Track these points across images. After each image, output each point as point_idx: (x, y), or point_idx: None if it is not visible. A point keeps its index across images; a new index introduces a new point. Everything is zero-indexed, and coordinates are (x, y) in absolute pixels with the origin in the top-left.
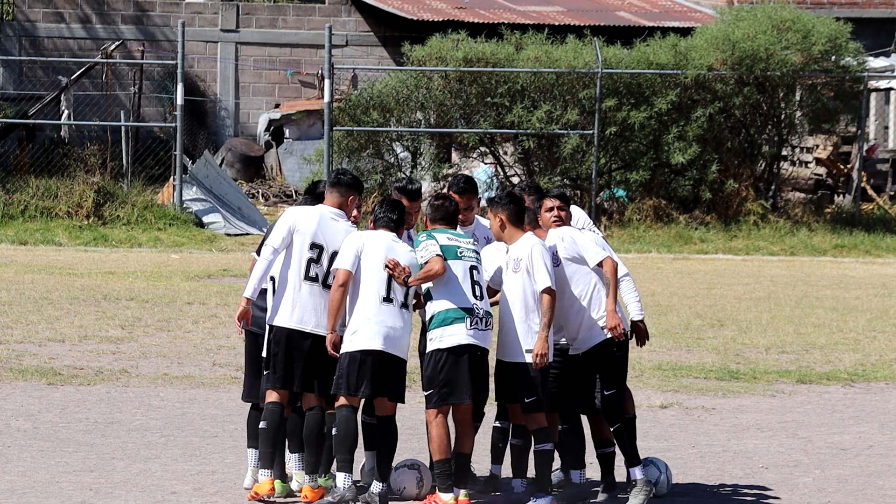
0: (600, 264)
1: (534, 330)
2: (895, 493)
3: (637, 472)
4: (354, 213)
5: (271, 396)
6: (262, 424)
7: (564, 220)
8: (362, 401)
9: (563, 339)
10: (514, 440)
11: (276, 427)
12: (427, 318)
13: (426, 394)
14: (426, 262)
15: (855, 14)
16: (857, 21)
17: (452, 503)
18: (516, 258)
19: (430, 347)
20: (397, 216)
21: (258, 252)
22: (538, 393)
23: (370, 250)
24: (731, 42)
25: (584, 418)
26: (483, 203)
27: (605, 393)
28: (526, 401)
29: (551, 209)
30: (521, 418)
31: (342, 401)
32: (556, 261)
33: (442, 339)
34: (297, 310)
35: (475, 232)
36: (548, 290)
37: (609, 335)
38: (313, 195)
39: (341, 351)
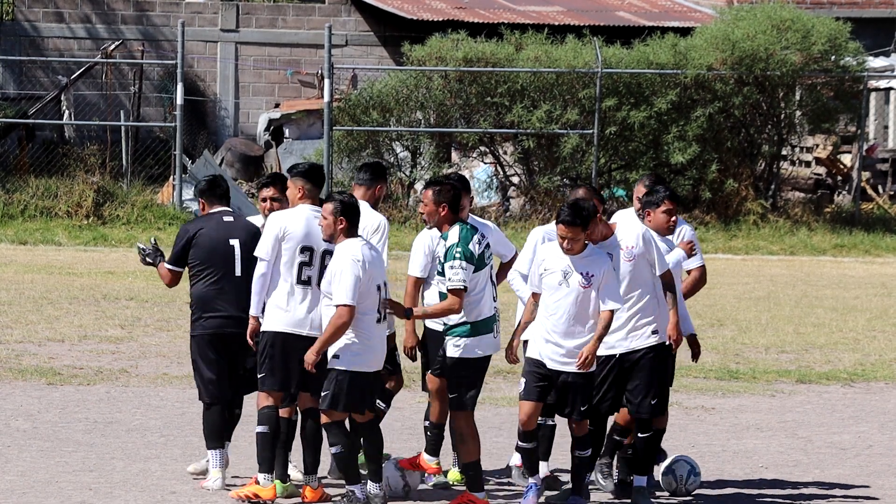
0: (664, 275)
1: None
2: (895, 493)
3: (641, 481)
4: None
5: (267, 400)
6: (260, 429)
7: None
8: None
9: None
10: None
11: (276, 430)
12: (455, 321)
13: (456, 396)
14: (448, 294)
15: (855, 14)
16: (857, 21)
17: (486, 500)
18: (586, 273)
19: (463, 354)
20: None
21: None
22: (590, 401)
23: (367, 277)
24: (731, 42)
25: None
26: (477, 202)
27: (653, 402)
28: (581, 409)
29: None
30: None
31: (338, 416)
32: (627, 256)
33: (478, 347)
34: (292, 314)
35: None
36: (609, 310)
37: (663, 342)
38: (217, 196)
39: (339, 367)
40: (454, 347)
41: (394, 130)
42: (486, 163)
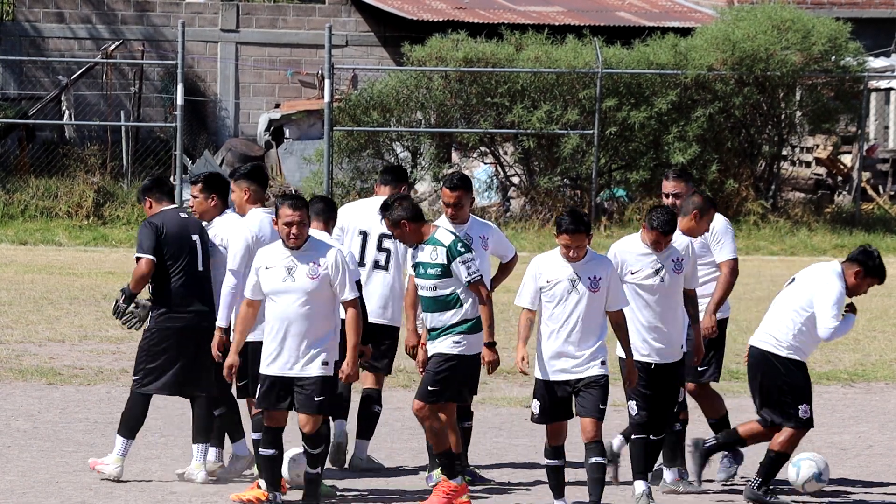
0: (692, 290)
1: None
2: (895, 493)
3: (642, 485)
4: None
5: (257, 407)
6: (256, 436)
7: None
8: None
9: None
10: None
11: None
12: (457, 319)
13: (436, 389)
14: (473, 288)
15: (855, 14)
16: (857, 21)
17: (461, 485)
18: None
19: (464, 351)
20: None
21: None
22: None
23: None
24: (731, 42)
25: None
26: (477, 202)
27: (676, 409)
28: (601, 407)
29: (667, 195)
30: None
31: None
32: (678, 268)
33: (477, 344)
34: (262, 322)
35: (469, 231)
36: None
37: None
38: (165, 192)
39: (332, 374)
40: (454, 345)
41: (394, 131)
42: (486, 163)
